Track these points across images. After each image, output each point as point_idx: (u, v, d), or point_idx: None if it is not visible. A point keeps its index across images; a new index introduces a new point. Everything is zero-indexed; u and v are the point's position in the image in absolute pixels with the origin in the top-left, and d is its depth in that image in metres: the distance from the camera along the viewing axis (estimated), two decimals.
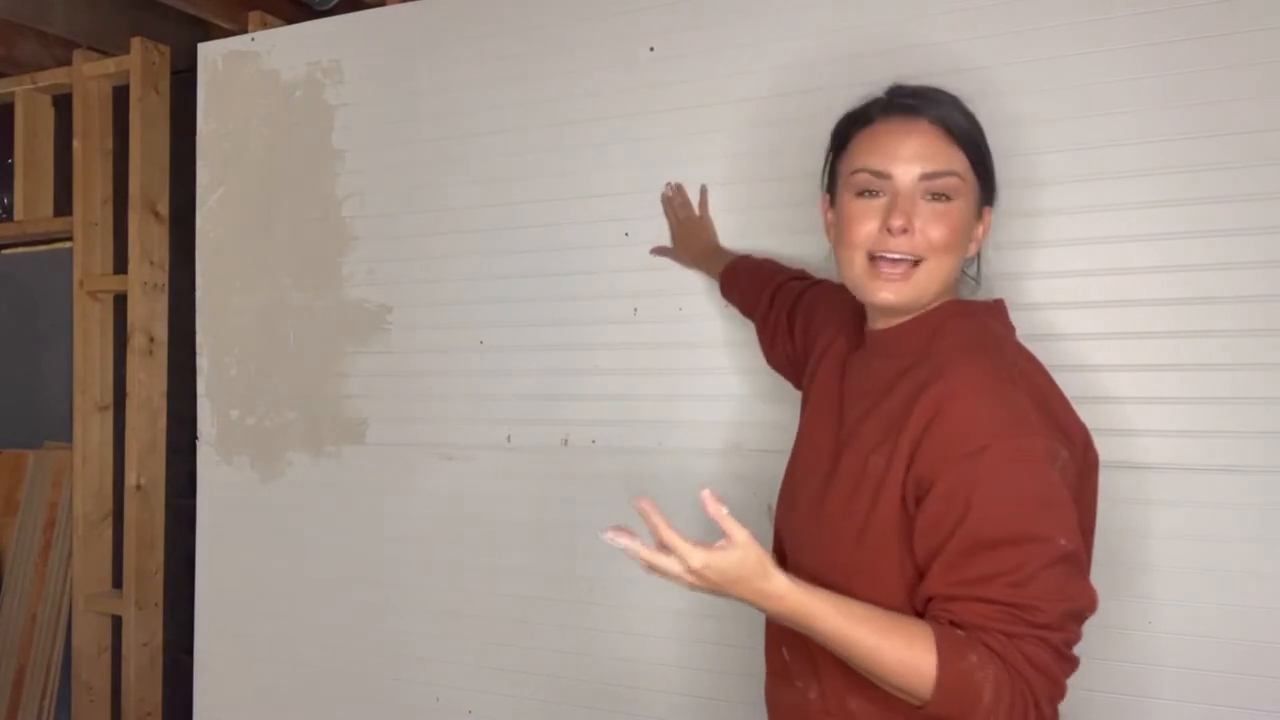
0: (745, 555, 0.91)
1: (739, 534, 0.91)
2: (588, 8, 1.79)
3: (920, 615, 0.99)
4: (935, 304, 1.10)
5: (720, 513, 0.91)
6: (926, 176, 1.04)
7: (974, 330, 1.09)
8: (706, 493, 0.90)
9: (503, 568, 1.85)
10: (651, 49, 1.73)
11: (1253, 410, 1.33)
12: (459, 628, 1.89)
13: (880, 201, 1.06)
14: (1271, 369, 1.32)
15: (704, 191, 1.69)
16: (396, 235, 1.97)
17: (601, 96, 1.77)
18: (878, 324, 1.14)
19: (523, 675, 1.83)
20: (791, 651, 1.14)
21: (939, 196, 1.05)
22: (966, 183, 1.07)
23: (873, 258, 1.06)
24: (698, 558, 0.91)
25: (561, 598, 1.79)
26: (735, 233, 1.66)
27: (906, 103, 1.08)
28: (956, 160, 1.06)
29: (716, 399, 1.67)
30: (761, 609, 0.95)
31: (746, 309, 1.55)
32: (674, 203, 1.71)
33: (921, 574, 1.00)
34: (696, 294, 1.69)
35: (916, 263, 1.05)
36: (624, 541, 0.93)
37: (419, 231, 1.94)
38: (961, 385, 1.00)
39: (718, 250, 1.66)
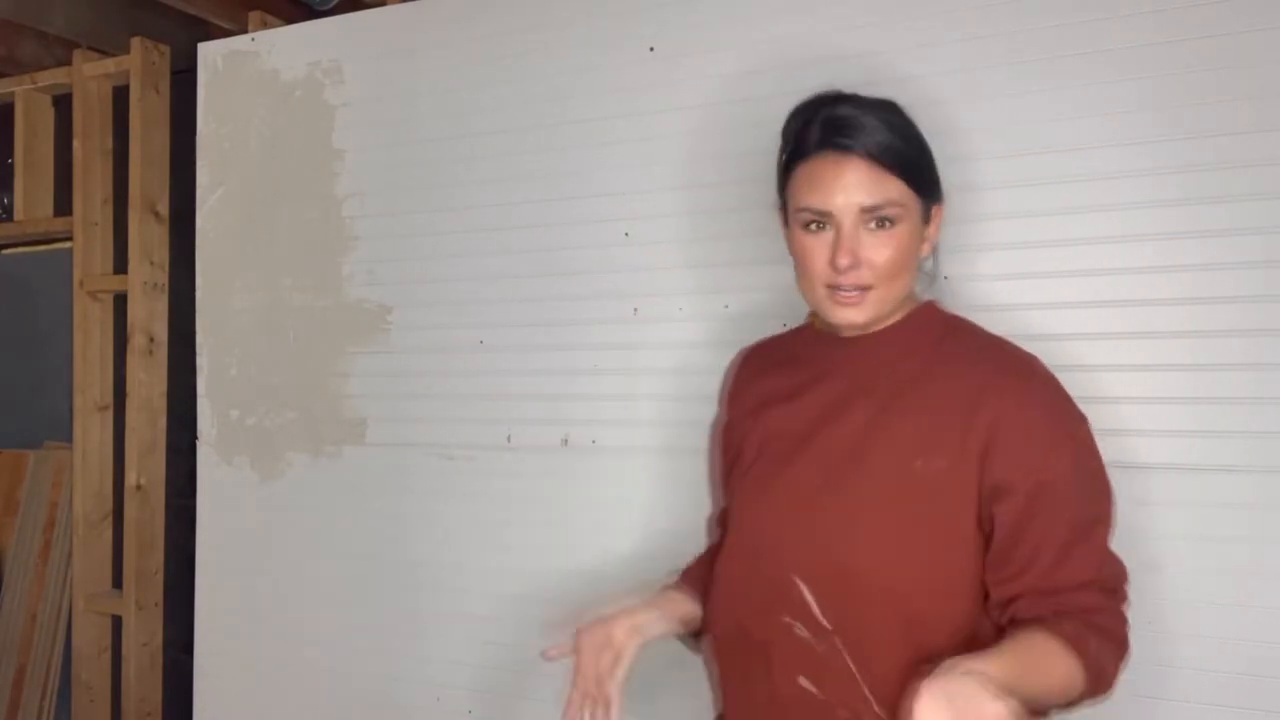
0: (946, 700, 0.87)
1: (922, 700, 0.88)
2: (587, 8, 1.79)
3: (1003, 604, 1.08)
4: (909, 307, 1.19)
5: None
6: (866, 209, 1.10)
7: (971, 328, 1.19)
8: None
9: (503, 568, 1.85)
10: (651, 49, 1.73)
11: (1253, 410, 1.33)
12: (459, 628, 1.89)
13: (827, 235, 1.12)
14: (1273, 369, 1.32)
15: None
16: (396, 235, 1.97)
17: (601, 96, 1.77)
18: (850, 331, 1.18)
19: (523, 675, 1.83)
20: (819, 677, 1.10)
21: (881, 223, 1.11)
22: (906, 205, 1.12)
23: (830, 288, 1.13)
24: None
25: (562, 598, 1.79)
26: (734, 231, 1.66)
27: (839, 140, 1.11)
28: (893, 188, 1.11)
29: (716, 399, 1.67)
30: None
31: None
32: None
33: (992, 569, 1.08)
34: (696, 294, 1.69)
35: (867, 288, 1.12)
36: None
37: (419, 231, 1.94)
38: (1019, 390, 1.10)
39: (645, 604, 1.27)
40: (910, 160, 1.13)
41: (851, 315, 1.13)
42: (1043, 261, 1.43)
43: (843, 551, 1.10)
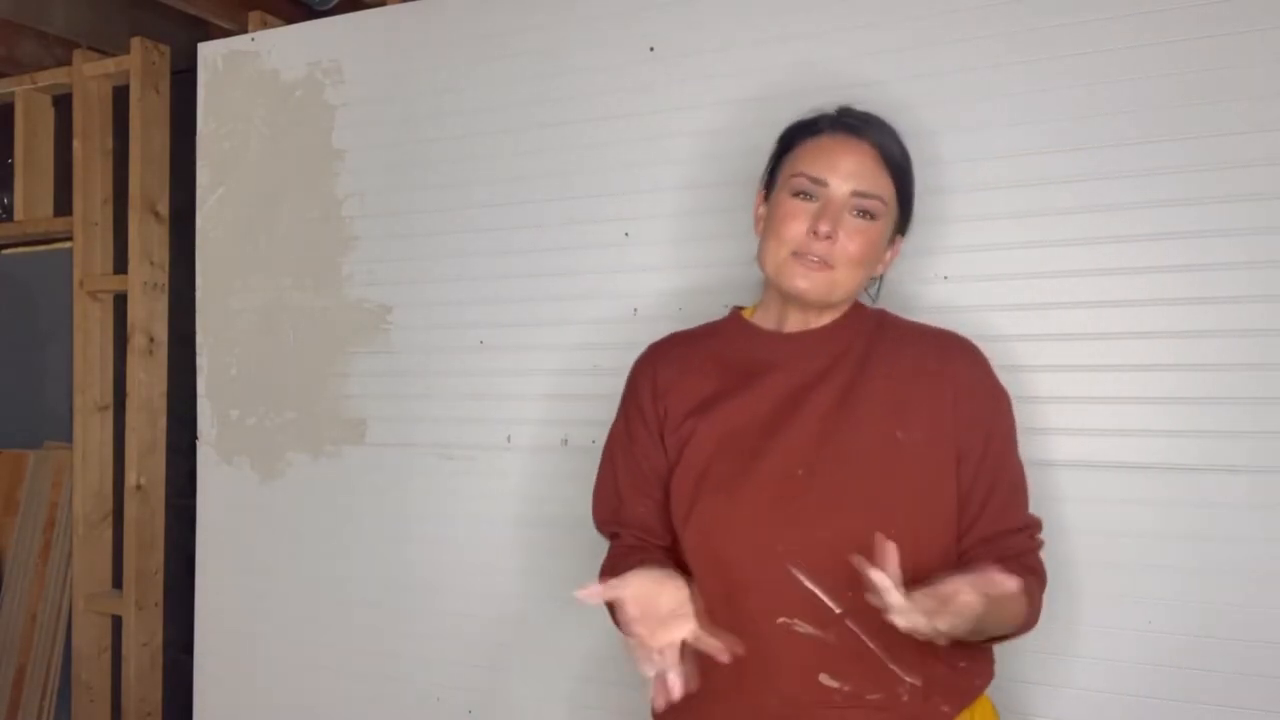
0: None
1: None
2: (587, 8, 1.79)
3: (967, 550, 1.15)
4: (845, 308, 1.23)
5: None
6: (857, 194, 1.16)
7: (895, 315, 1.26)
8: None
9: (503, 568, 1.85)
10: (651, 49, 1.73)
11: (1250, 410, 1.33)
12: (459, 628, 1.89)
13: (813, 205, 1.16)
14: (1269, 369, 1.32)
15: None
16: (396, 235, 1.97)
17: (601, 96, 1.77)
18: (790, 326, 1.23)
19: (523, 675, 1.83)
20: (839, 669, 1.10)
21: (864, 214, 1.16)
22: (889, 208, 1.19)
23: (795, 255, 1.16)
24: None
25: (561, 598, 1.79)
26: (734, 231, 1.66)
27: (852, 123, 1.20)
28: (885, 186, 1.18)
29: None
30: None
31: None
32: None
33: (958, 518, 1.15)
34: (696, 294, 1.69)
35: (831, 267, 1.16)
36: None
37: (419, 231, 1.94)
38: (970, 364, 1.19)
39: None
40: (904, 172, 1.21)
41: (808, 284, 1.16)
42: (1039, 260, 1.44)
43: (844, 526, 1.09)
